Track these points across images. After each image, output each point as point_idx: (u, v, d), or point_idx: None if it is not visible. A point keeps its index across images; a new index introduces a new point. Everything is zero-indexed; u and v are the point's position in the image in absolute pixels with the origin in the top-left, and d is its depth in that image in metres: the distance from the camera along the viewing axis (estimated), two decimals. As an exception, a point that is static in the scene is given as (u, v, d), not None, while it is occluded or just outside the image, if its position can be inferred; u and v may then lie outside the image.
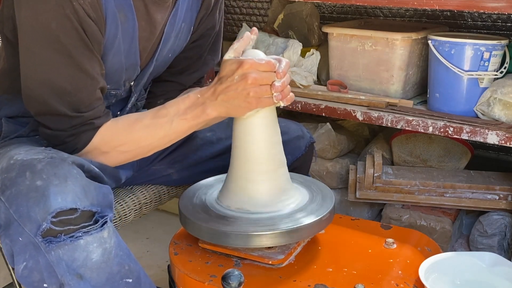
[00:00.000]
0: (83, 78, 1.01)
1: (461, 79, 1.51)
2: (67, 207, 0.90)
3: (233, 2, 2.38)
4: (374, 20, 2.00)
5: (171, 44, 1.21)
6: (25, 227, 0.90)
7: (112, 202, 0.99)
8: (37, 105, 1.03)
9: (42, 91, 1.00)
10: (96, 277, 0.93)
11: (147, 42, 1.14)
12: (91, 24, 0.99)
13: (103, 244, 0.93)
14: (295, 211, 1.08)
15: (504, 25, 1.84)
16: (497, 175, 1.72)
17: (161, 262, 1.88)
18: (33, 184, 0.91)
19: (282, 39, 1.91)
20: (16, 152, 1.00)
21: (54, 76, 0.99)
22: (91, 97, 1.03)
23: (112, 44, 1.06)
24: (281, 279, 1.04)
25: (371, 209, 1.85)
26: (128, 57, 1.11)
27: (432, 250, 1.18)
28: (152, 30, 1.13)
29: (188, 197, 1.16)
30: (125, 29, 1.07)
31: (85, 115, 1.03)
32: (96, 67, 1.03)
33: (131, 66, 1.14)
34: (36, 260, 0.91)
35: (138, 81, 1.22)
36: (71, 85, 1.00)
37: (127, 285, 0.97)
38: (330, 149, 1.85)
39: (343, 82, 1.77)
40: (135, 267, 0.99)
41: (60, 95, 1.00)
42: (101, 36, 1.02)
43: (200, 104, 1.03)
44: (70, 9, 0.95)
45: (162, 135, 1.07)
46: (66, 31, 0.97)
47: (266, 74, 0.99)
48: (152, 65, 1.20)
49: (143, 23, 1.10)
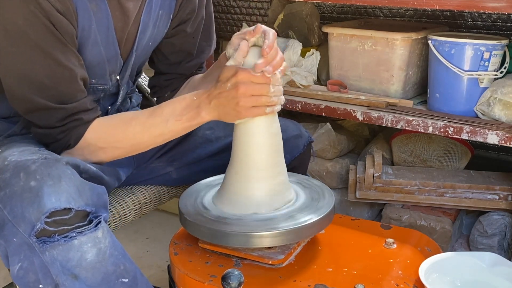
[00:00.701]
0: (60, 70, 1.01)
1: (461, 79, 1.51)
2: (61, 207, 0.90)
3: (233, 2, 2.38)
4: (374, 20, 2.00)
5: (150, 32, 1.21)
6: (19, 227, 0.90)
7: (106, 202, 1.00)
8: (21, 102, 1.04)
9: (22, 88, 1.01)
10: (91, 277, 0.93)
11: (122, 32, 1.14)
12: (60, 17, 0.99)
13: (97, 244, 0.93)
14: (295, 211, 1.08)
15: (504, 25, 1.84)
16: (497, 175, 1.72)
17: (161, 262, 1.88)
18: (27, 184, 0.91)
19: (282, 39, 1.90)
20: (10, 153, 1.00)
21: (30, 71, 1.00)
22: (72, 89, 1.04)
23: (88, 35, 1.07)
24: (281, 279, 1.04)
25: (371, 209, 1.85)
26: (107, 47, 1.12)
27: (432, 250, 1.18)
28: (126, 19, 1.13)
29: (188, 197, 1.16)
30: (99, 20, 1.07)
31: (69, 107, 1.04)
32: (72, 59, 1.03)
33: (112, 58, 1.15)
34: (31, 261, 0.91)
35: (122, 74, 1.23)
36: (49, 79, 1.01)
37: (123, 285, 0.97)
38: (330, 149, 1.85)
39: (343, 82, 1.77)
40: (130, 267, 0.99)
41: (39, 89, 1.01)
42: (73, 29, 1.02)
43: (196, 107, 1.05)
44: (35, 4, 0.95)
45: (157, 133, 1.09)
46: (34, 26, 0.97)
47: (259, 86, 1.00)
48: (133, 56, 1.21)
49: (116, 13, 1.10)
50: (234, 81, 1.00)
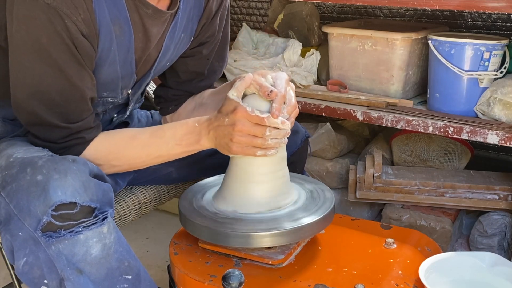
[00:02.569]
0: (73, 90, 1.02)
1: (461, 79, 1.51)
2: (67, 200, 0.91)
3: (233, 2, 2.38)
4: (374, 20, 2.00)
5: (169, 55, 1.22)
6: (25, 221, 0.91)
7: (112, 199, 1.00)
8: (27, 115, 1.04)
9: (31, 102, 1.01)
10: (96, 272, 0.93)
11: (143, 52, 1.15)
12: (83, 40, 0.99)
13: (102, 240, 0.94)
14: (295, 211, 1.08)
15: (504, 25, 1.84)
16: (497, 175, 1.72)
17: (161, 262, 1.88)
18: (34, 179, 0.92)
19: (282, 39, 1.91)
20: (15, 151, 1.01)
21: (43, 88, 1.00)
22: (80, 108, 1.05)
23: (107, 56, 1.07)
24: (281, 279, 1.04)
25: (371, 209, 1.85)
26: (123, 66, 1.12)
27: (432, 250, 1.18)
28: (147, 42, 1.13)
29: (188, 197, 1.16)
30: (121, 42, 1.08)
31: (74, 126, 1.04)
32: (86, 80, 1.04)
33: (127, 75, 1.15)
34: (36, 256, 0.92)
35: (135, 90, 1.24)
36: (61, 97, 1.01)
37: (126, 282, 0.97)
38: (330, 149, 1.85)
39: (343, 82, 1.77)
40: (135, 264, 0.99)
41: (49, 106, 1.01)
42: (93, 51, 1.03)
43: (197, 134, 1.07)
44: (62, 26, 0.96)
45: (156, 155, 1.10)
46: (56, 46, 0.97)
47: (254, 127, 1.00)
48: (151, 76, 1.22)
49: (139, 34, 1.11)
50: (232, 117, 1.01)
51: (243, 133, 1.01)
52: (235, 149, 1.02)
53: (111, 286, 0.96)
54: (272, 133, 1.02)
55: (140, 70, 1.18)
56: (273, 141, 1.03)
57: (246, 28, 1.96)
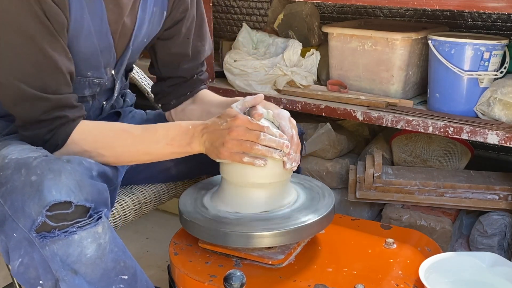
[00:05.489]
0: (45, 60, 1.02)
1: (461, 79, 1.51)
2: (62, 199, 0.90)
3: (233, 2, 2.38)
4: (374, 20, 2.00)
5: (145, 28, 1.22)
6: (19, 222, 0.91)
7: (107, 199, 1.00)
8: (7, 90, 1.03)
9: (8, 75, 1.01)
10: (91, 273, 0.93)
11: (116, 24, 1.15)
12: (52, 6, 1.00)
13: (97, 240, 0.93)
14: (295, 211, 1.08)
15: (504, 25, 1.84)
16: (497, 175, 1.72)
17: (161, 262, 1.87)
18: (28, 179, 0.92)
19: (282, 39, 1.91)
20: (9, 152, 1.01)
21: (17, 59, 1.00)
22: (56, 80, 1.04)
23: (81, 25, 1.07)
24: (281, 279, 1.04)
25: (371, 209, 1.85)
26: (100, 38, 1.12)
27: (432, 250, 1.18)
28: (120, 12, 1.14)
29: (188, 197, 1.16)
30: (92, 10, 1.08)
31: (53, 97, 1.04)
32: (58, 49, 1.04)
33: (105, 49, 1.15)
34: (31, 257, 0.92)
35: (118, 68, 1.24)
36: (33, 67, 1.01)
37: (122, 282, 0.97)
38: (330, 149, 1.85)
39: (343, 82, 1.77)
40: (131, 264, 0.99)
41: (24, 76, 1.01)
42: (64, 18, 1.03)
43: (189, 136, 1.07)
44: None
45: (145, 151, 1.10)
46: (25, 14, 0.98)
47: (248, 133, 1.02)
48: (130, 50, 1.23)
49: (110, 6, 1.11)
50: (230, 123, 1.02)
51: (236, 139, 1.02)
52: (224, 153, 1.03)
53: (107, 287, 0.95)
54: (266, 138, 1.02)
55: (119, 44, 1.19)
56: (264, 148, 1.03)
57: (246, 28, 1.96)
